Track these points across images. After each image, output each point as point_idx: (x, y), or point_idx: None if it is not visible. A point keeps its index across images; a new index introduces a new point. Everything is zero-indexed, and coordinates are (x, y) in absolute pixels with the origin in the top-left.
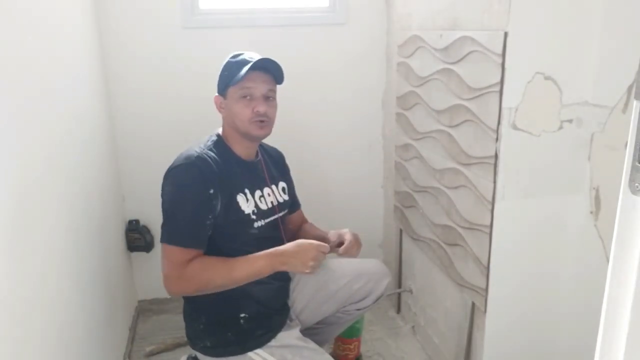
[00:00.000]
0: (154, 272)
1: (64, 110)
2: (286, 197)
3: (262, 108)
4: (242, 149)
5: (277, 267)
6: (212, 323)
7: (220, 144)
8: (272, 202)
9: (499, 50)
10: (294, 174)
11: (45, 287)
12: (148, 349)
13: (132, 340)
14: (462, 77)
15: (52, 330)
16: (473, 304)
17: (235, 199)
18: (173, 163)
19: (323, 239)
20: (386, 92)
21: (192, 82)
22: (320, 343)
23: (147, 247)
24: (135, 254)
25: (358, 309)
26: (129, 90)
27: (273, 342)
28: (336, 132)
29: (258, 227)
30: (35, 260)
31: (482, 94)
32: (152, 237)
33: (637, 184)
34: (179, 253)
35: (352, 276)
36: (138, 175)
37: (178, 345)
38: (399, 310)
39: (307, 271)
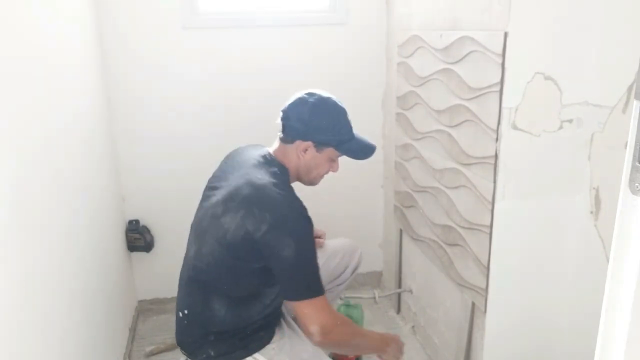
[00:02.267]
0: (154, 272)
1: (64, 110)
2: None
3: (337, 170)
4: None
5: (382, 350)
6: (221, 335)
7: (289, 181)
8: None
9: (499, 50)
10: None
11: (45, 287)
12: (148, 349)
13: (132, 340)
14: (462, 77)
15: (52, 330)
16: (473, 304)
17: None
18: (279, 214)
19: None
20: (386, 92)
21: (192, 83)
22: None
23: (147, 247)
24: (135, 254)
25: (339, 284)
26: (129, 90)
27: (273, 345)
28: None
29: None
30: (35, 261)
31: (482, 94)
32: (152, 237)
33: (637, 184)
34: (321, 300)
35: (328, 255)
36: (138, 175)
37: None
38: (399, 310)
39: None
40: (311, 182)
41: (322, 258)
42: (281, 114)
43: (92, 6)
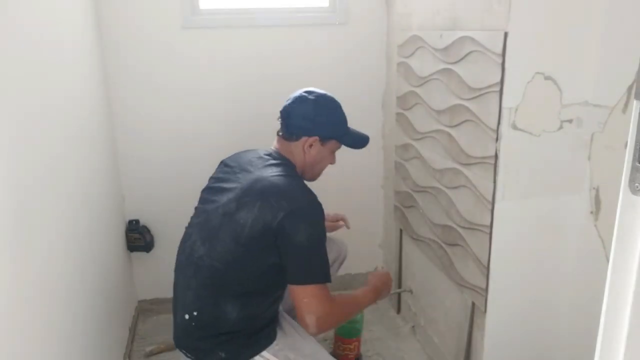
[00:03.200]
0: (154, 272)
1: (64, 110)
2: None
3: (334, 162)
4: None
5: (375, 300)
6: (231, 335)
7: (298, 177)
8: None
9: (499, 50)
10: None
11: (45, 287)
12: (148, 349)
13: (132, 340)
14: (462, 77)
15: (52, 330)
16: (473, 304)
17: None
18: (296, 202)
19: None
20: (386, 92)
21: (192, 82)
22: None
23: (147, 247)
24: (135, 254)
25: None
26: (129, 90)
27: (276, 342)
28: None
29: None
30: (35, 261)
31: (482, 94)
32: (152, 237)
33: (637, 184)
34: (325, 290)
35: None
36: (138, 175)
37: None
38: (399, 310)
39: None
40: (313, 177)
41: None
42: (281, 113)
43: (92, 6)
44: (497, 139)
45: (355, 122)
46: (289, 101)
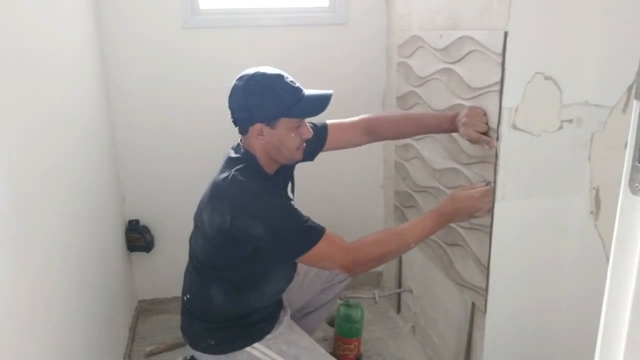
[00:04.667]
0: (154, 272)
1: (64, 110)
2: (294, 196)
3: (310, 134)
4: (272, 168)
5: (443, 226)
6: (220, 324)
7: (255, 166)
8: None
9: (499, 50)
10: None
11: (45, 287)
12: (148, 349)
13: (132, 340)
14: (462, 77)
15: (52, 330)
16: (473, 304)
17: (283, 195)
18: (237, 203)
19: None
20: (386, 92)
21: (192, 82)
22: (311, 329)
23: (147, 247)
24: (135, 254)
25: (341, 281)
26: (129, 90)
27: (270, 335)
28: None
29: None
30: (35, 261)
31: (482, 94)
32: (152, 237)
33: (637, 184)
34: (331, 241)
35: None
36: (138, 175)
37: (178, 345)
38: (399, 310)
39: (479, 216)
40: (290, 159)
41: None
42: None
43: (92, 6)
44: (497, 139)
45: None
46: (229, 95)
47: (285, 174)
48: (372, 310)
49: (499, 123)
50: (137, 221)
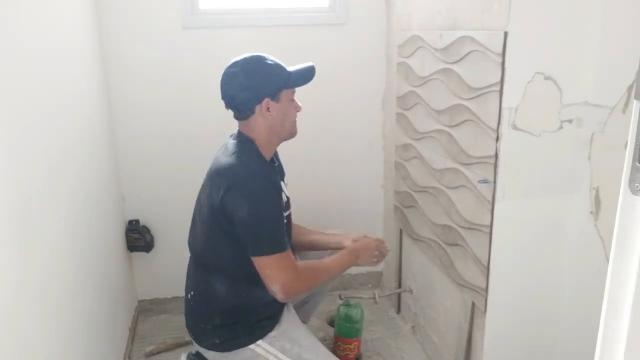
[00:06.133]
0: (154, 272)
1: (64, 111)
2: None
3: (300, 107)
4: (269, 152)
5: (354, 262)
6: (224, 322)
7: (255, 150)
8: (286, 196)
9: (499, 50)
10: (293, 173)
11: (45, 288)
12: (148, 349)
13: (132, 340)
14: (462, 77)
15: (52, 330)
16: (473, 304)
17: (281, 195)
18: (234, 178)
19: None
20: (386, 92)
21: (192, 82)
22: (306, 315)
23: (147, 247)
24: (135, 254)
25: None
26: (129, 90)
27: (274, 333)
28: (336, 132)
29: (285, 216)
30: (35, 260)
31: (482, 94)
32: (152, 237)
33: (637, 184)
34: (285, 259)
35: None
36: (138, 175)
37: (178, 345)
38: (399, 310)
39: (374, 260)
40: (290, 133)
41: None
42: (224, 100)
43: (92, 6)
44: (497, 139)
45: (355, 122)
46: (222, 85)
47: (279, 162)
48: (372, 310)
49: (499, 123)
50: (137, 221)
